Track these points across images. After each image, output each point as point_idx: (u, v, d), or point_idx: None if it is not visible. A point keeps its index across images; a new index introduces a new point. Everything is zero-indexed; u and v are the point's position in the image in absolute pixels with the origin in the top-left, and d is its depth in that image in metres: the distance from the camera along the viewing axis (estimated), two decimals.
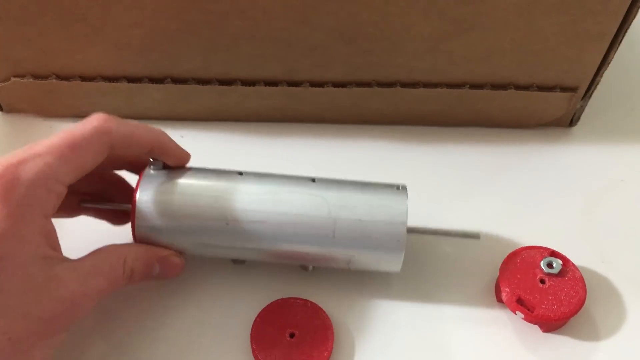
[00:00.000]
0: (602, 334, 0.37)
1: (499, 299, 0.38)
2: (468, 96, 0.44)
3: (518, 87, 0.44)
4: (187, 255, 0.37)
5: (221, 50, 0.42)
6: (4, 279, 0.28)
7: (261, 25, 0.40)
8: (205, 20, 0.39)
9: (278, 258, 0.37)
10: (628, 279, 0.39)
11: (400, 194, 0.36)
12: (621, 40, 0.40)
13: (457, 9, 0.38)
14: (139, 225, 0.35)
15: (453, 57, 0.42)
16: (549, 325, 0.36)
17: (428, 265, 0.40)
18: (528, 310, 0.36)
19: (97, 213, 0.39)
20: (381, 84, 0.44)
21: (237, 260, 0.39)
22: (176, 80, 0.44)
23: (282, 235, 0.35)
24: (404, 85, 0.44)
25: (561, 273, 0.37)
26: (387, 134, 0.47)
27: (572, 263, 0.37)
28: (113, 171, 0.39)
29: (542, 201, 0.43)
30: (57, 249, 0.32)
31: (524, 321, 0.36)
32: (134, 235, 0.36)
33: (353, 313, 0.38)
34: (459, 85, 0.44)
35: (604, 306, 0.38)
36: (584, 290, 0.36)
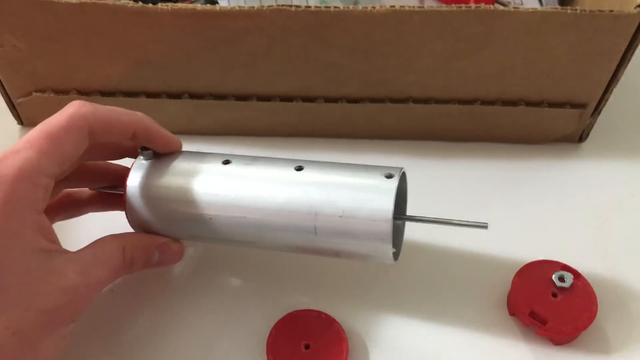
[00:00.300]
0: (614, 348, 0.37)
1: (511, 313, 0.38)
2: (479, 112, 0.45)
3: (529, 104, 0.45)
4: (195, 247, 0.38)
5: (238, 66, 0.43)
6: (1, 275, 0.28)
7: (278, 42, 0.41)
8: (223, 37, 0.40)
9: (266, 248, 0.37)
10: (638, 293, 0.39)
11: (389, 183, 0.33)
12: (630, 57, 0.41)
13: (470, 28, 0.39)
14: (130, 216, 0.36)
15: (465, 75, 0.43)
16: (561, 338, 0.37)
17: (441, 278, 0.40)
18: (540, 323, 0.36)
19: (109, 203, 0.39)
20: (394, 100, 0.45)
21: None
22: (193, 95, 0.45)
23: (264, 230, 0.34)
24: (417, 101, 0.45)
25: (573, 287, 0.37)
26: (400, 149, 0.48)
27: (584, 277, 0.38)
28: (117, 164, 0.39)
29: (553, 216, 0.44)
30: (55, 242, 0.32)
31: (536, 334, 0.37)
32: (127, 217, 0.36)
33: (367, 324, 0.38)
34: (471, 101, 0.45)
35: (615, 320, 0.38)
36: (596, 304, 0.37)
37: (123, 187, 0.36)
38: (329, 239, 0.34)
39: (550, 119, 0.45)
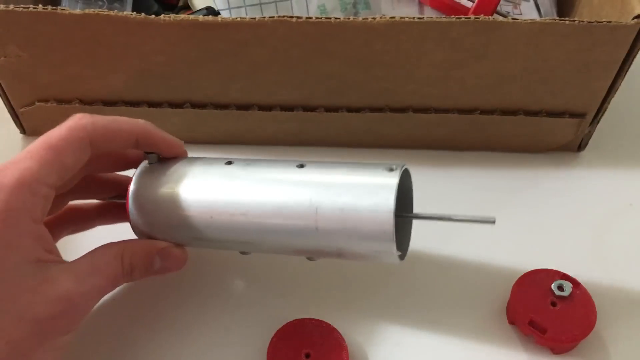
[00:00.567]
0: (613, 357, 0.37)
1: (511, 321, 0.38)
2: (479, 121, 0.45)
3: (528, 113, 0.45)
4: (196, 256, 0.37)
5: (239, 76, 0.43)
6: None
7: (279, 52, 0.41)
8: (225, 48, 0.41)
9: (269, 250, 0.36)
10: (638, 302, 0.40)
11: (391, 177, 0.33)
12: (628, 67, 0.41)
13: (469, 39, 0.40)
14: (133, 221, 0.36)
15: (464, 84, 0.43)
16: (560, 347, 0.37)
17: (440, 287, 0.41)
18: (539, 332, 0.36)
19: (117, 216, 0.40)
20: (394, 109, 0.45)
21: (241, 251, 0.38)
22: (195, 105, 0.45)
23: (265, 228, 0.34)
24: (417, 110, 0.45)
25: (572, 296, 0.37)
26: (400, 158, 0.48)
27: (583, 286, 0.38)
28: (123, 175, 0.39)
29: (552, 224, 0.44)
30: (53, 252, 0.31)
31: (536, 344, 0.37)
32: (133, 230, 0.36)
33: (367, 333, 0.38)
34: (470, 110, 0.45)
35: (614, 329, 0.38)
36: (595, 313, 0.37)
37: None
38: (331, 235, 0.33)
39: (549, 128, 0.46)
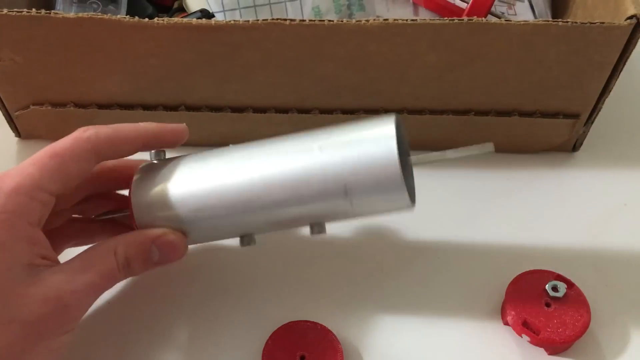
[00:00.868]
0: (607, 357, 0.37)
1: (505, 322, 0.38)
2: (473, 123, 0.45)
3: (522, 114, 0.45)
4: (190, 258, 0.36)
5: (234, 79, 0.43)
6: None
7: (273, 55, 0.41)
8: (219, 51, 0.41)
9: (273, 204, 0.34)
10: (632, 302, 0.40)
11: (389, 116, 0.34)
12: (622, 68, 0.41)
13: (462, 40, 0.40)
14: (135, 202, 0.35)
15: (458, 86, 0.43)
16: (555, 348, 0.37)
17: (435, 288, 0.41)
18: (534, 333, 0.36)
19: (123, 231, 0.39)
20: (389, 111, 0.45)
21: (244, 240, 0.36)
22: (190, 107, 0.45)
23: (265, 158, 0.34)
24: (411, 112, 0.45)
25: (566, 296, 0.37)
26: None
27: (577, 287, 0.38)
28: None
29: (547, 225, 0.44)
30: (49, 258, 0.31)
31: (530, 344, 0.37)
32: (133, 220, 0.35)
33: (362, 335, 0.38)
34: (464, 112, 0.45)
35: (609, 329, 0.38)
36: (589, 313, 0.37)
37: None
38: (335, 163, 0.33)
39: (543, 129, 0.46)
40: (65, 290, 0.30)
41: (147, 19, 0.39)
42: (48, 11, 0.39)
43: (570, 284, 0.38)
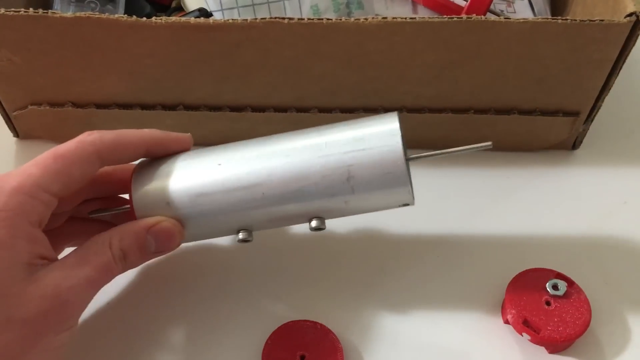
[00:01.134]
0: (608, 355, 0.37)
1: (505, 321, 0.38)
2: (472, 121, 0.45)
3: (521, 112, 0.45)
4: (190, 258, 0.36)
5: (232, 78, 0.43)
6: None
7: (271, 54, 0.41)
8: (217, 50, 0.41)
9: (276, 198, 0.34)
10: (632, 300, 0.40)
11: (392, 114, 0.35)
12: (621, 66, 0.41)
13: (461, 38, 0.40)
14: (135, 195, 0.35)
15: (458, 84, 0.43)
16: (555, 346, 0.37)
17: (435, 287, 0.41)
18: (534, 332, 0.36)
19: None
20: (388, 110, 0.45)
21: (243, 237, 0.36)
22: (188, 107, 0.45)
23: (269, 150, 0.35)
24: (410, 110, 0.45)
25: (566, 295, 0.37)
26: None
27: (577, 285, 0.38)
28: None
29: (547, 223, 0.44)
30: (48, 257, 0.31)
31: (530, 342, 0.37)
32: (134, 214, 0.35)
33: (362, 334, 0.38)
34: (464, 110, 0.45)
35: (609, 327, 0.38)
36: (589, 311, 0.37)
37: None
38: (338, 145, 0.33)
39: (543, 127, 0.46)
40: (62, 286, 0.30)
41: (145, 18, 0.39)
42: (46, 11, 0.39)
43: (570, 282, 0.38)
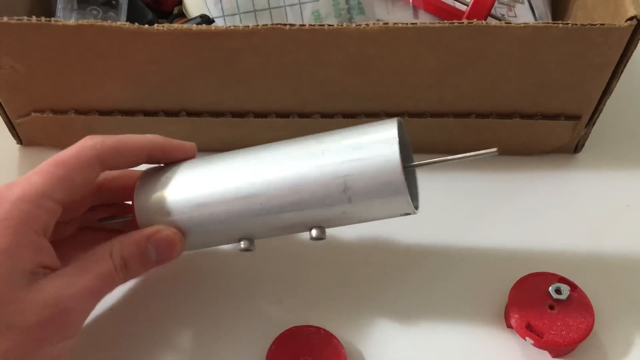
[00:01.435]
0: (611, 359, 0.37)
1: (509, 325, 0.38)
2: (474, 125, 0.45)
3: (523, 116, 0.45)
4: (193, 263, 0.36)
5: (234, 84, 0.43)
6: None
7: (273, 60, 0.41)
8: (219, 56, 0.41)
9: (274, 207, 0.34)
10: (636, 304, 0.40)
11: (392, 120, 0.34)
12: (622, 69, 0.41)
13: (463, 43, 0.40)
14: (138, 204, 0.35)
15: (459, 88, 0.43)
16: (558, 350, 0.37)
17: (438, 291, 0.41)
18: (537, 336, 0.36)
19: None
20: (389, 115, 0.45)
21: (244, 246, 0.36)
22: (191, 113, 0.45)
23: (268, 159, 0.35)
24: (412, 115, 0.45)
25: (569, 299, 0.37)
26: None
27: (580, 289, 0.38)
28: None
29: (549, 227, 0.44)
30: (52, 266, 0.31)
31: (534, 347, 0.37)
32: (136, 223, 0.35)
33: (365, 339, 0.38)
34: (465, 114, 0.45)
35: (612, 331, 0.38)
36: (592, 315, 0.37)
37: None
38: (335, 157, 0.33)
39: (544, 131, 0.46)
40: (63, 295, 0.30)
41: (147, 25, 0.39)
42: (48, 19, 0.39)
43: (573, 286, 0.38)
